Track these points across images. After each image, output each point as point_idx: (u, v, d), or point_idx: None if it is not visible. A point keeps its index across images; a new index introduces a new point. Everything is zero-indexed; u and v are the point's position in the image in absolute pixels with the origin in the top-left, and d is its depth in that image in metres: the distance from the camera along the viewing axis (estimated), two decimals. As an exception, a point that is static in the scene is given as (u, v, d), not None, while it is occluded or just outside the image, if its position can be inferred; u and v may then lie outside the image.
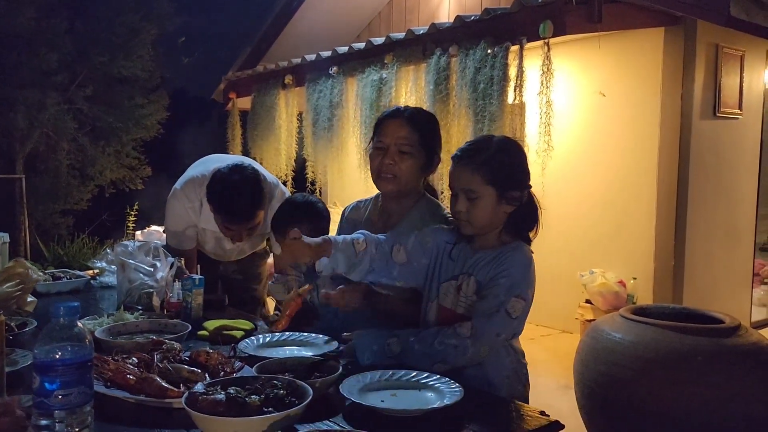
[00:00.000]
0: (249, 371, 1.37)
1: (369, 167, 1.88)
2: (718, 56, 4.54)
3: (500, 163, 1.54)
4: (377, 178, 1.83)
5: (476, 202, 1.52)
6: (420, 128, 1.80)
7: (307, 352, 1.58)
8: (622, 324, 2.58)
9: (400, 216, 1.86)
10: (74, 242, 7.03)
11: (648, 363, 2.39)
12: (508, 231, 1.58)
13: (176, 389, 1.25)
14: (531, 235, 1.61)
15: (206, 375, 1.32)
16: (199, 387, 1.14)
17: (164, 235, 5.16)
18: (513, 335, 1.56)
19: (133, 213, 7.49)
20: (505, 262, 1.51)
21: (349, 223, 1.98)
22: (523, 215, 1.58)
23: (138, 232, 5.31)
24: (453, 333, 1.45)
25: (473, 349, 1.44)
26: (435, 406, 1.21)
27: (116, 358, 1.35)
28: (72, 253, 6.61)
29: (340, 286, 1.66)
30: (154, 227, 6.36)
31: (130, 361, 1.34)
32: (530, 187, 1.60)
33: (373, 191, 1.98)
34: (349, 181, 5.92)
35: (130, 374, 1.28)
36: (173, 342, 1.45)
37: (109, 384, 1.28)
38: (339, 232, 1.98)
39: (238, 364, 1.41)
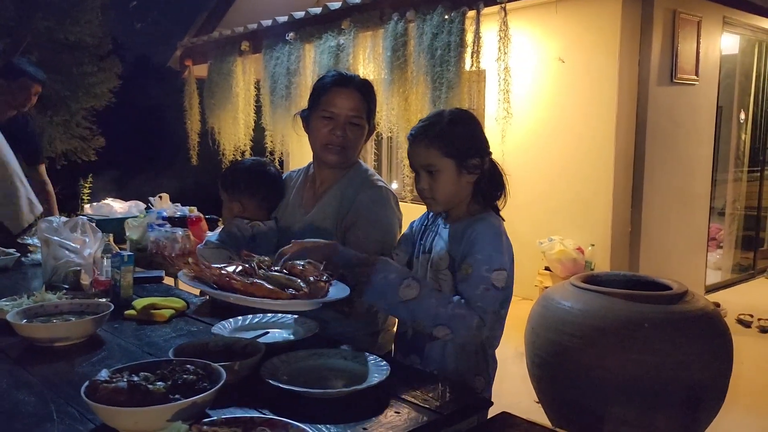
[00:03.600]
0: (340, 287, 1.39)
1: (312, 135, 1.80)
2: (676, 22, 4.52)
3: (454, 133, 1.52)
4: (324, 147, 1.76)
5: (437, 176, 1.50)
6: (369, 99, 1.76)
7: (288, 335, 1.51)
8: (572, 292, 2.57)
9: (331, 182, 1.83)
10: (25, 217, 6.78)
11: (596, 331, 2.38)
12: (477, 202, 1.57)
13: (284, 291, 1.30)
14: (499, 204, 1.60)
15: (301, 283, 1.33)
16: (103, 374, 1.06)
17: (116, 207, 4.97)
18: (506, 303, 1.54)
19: (87, 185, 7.26)
20: (473, 236, 1.48)
21: None
22: (489, 184, 1.56)
23: (87, 206, 5.11)
24: (460, 303, 1.42)
25: (476, 327, 1.40)
26: (359, 386, 1.16)
27: (220, 267, 1.38)
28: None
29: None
30: (108, 200, 6.16)
31: (233, 269, 1.36)
32: (490, 154, 1.57)
33: None
34: (309, 150, 5.82)
35: (234, 280, 1.31)
36: (264, 257, 1.45)
37: (215, 287, 1.31)
38: None
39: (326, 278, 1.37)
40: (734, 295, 5.33)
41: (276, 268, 1.40)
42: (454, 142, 1.51)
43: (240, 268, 1.37)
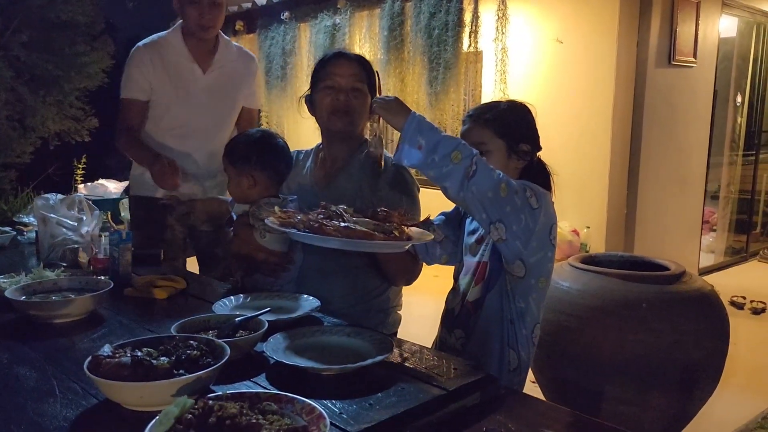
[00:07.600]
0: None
1: (317, 109, 1.83)
2: (674, 3, 4.49)
3: (509, 117, 1.61)
4: (329, 115, 1.79)
5: (486, 156, 1.51)
6: (367, 69, 1.81)
7: (290, 314, 1.48)
8: (570, 273, 2.58)
9: (342, 162, 1.84)
10: (18, 197, 6.73)
11: (594, 311, 2.39)
12: None
13: (379, 234, 1.36)
14: None
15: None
16: (105, 349, 1.06)
17: (110, 187, 4.93)
18: (536, 222, 1.49)
19: (80, 166, 7.20)
20: None
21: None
22: (535, 179, 1.59)
23: (81, 186, 5.07)
24: None
25: (497, 178, 1.40)
26: (364, 362, 1.16)
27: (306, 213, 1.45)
28: (17, 208, 6.34)
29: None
30: (101, 180, 6.13)
31: (318, 215, 1.42)
32: (540, 148, 1.65)
33: None
34: (305, 130, 5.78)
35: (326, 225, 1.36)
36: (342, 206, 1.51)
37: (306, 230, 1.36)
38: None
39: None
40: (727, 277, 5.36)
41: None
42: (509, 124, 1.59)
43: (321, 215, 1.44)
